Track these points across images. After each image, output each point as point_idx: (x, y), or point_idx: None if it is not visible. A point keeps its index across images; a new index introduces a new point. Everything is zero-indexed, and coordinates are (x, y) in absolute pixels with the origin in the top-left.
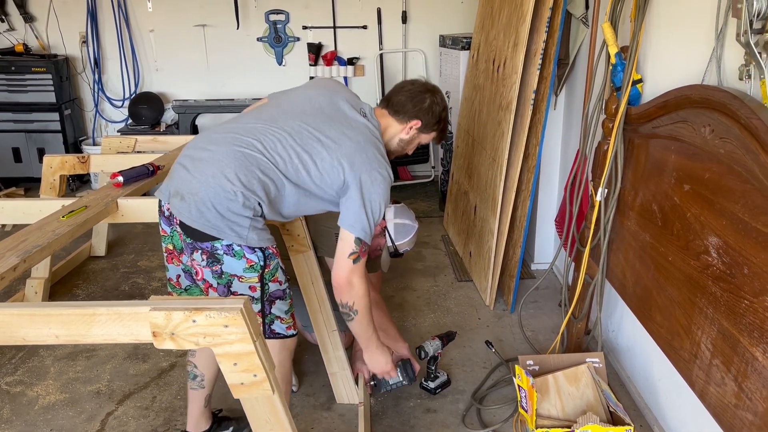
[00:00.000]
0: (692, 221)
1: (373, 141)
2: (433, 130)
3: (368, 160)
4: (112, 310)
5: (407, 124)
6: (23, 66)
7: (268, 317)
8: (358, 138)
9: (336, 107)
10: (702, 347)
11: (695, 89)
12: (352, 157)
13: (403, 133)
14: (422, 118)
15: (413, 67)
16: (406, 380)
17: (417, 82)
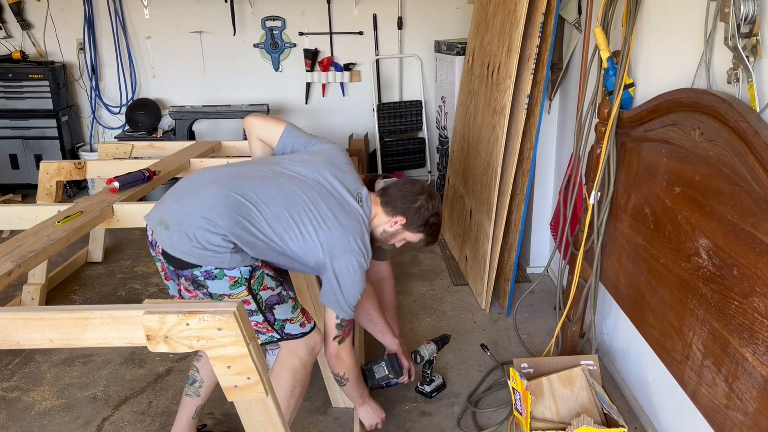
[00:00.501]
0: (683, 223)
1: (360, 230)
2: (420, 231)
3: (349, 248)
4: (106, 313)
5: (393, 218)
6: (20, 73)
7: (277, 323)
8: (347, 224)
9: (336, 186)
10: (693, 348)
11: (685, 93)
12: (335, 241)
13: (387, 225)
14: (408, 217)
15: (409, 73)
16: (392, 374)
17: (417, 183)
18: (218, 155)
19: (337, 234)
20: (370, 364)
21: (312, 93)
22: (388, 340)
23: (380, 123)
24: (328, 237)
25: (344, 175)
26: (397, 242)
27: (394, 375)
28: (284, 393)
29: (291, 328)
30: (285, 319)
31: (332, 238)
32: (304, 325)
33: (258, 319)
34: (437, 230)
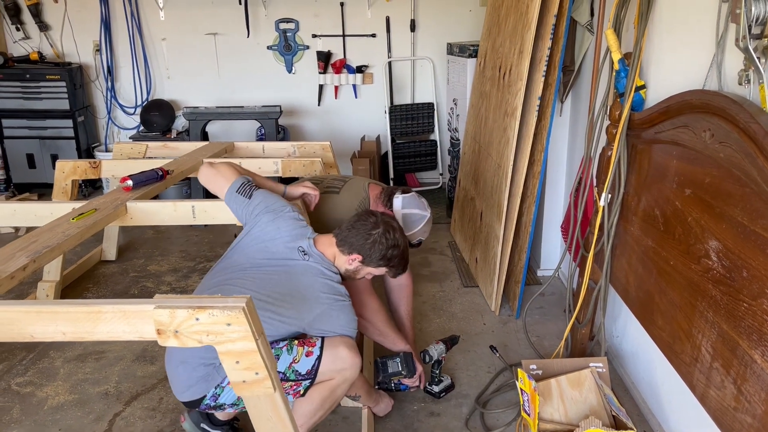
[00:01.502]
0: (693, 225)
1: (319, 283)
2: (381, 265)
3: (321, 315)
4: (118, 308)
5: (349, 256)
6: (38, 74)
7: (290, 374)
8: (305, 293)
9: (277, 262)
10: (702, 351)
11: (696, 94)
12: (302, 320)
13: (347, 264)
14: (363, 254)
15: (421, 75)
16: (404, 371)
17: (371, 217)
18: (231, 155)
19: (303, 317)
20: (385, 358)
21: (324, 95)
22: (401, 347)
23: (392, 125)
24: (295, 324)
25: (275, 243)
26: (365, 276)
27: (406, 372)
28: (313, 407)
29: (301, 366)
30: (290, 364)
31: (299, 324)
32: (310, 354)
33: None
34: (401, 261)
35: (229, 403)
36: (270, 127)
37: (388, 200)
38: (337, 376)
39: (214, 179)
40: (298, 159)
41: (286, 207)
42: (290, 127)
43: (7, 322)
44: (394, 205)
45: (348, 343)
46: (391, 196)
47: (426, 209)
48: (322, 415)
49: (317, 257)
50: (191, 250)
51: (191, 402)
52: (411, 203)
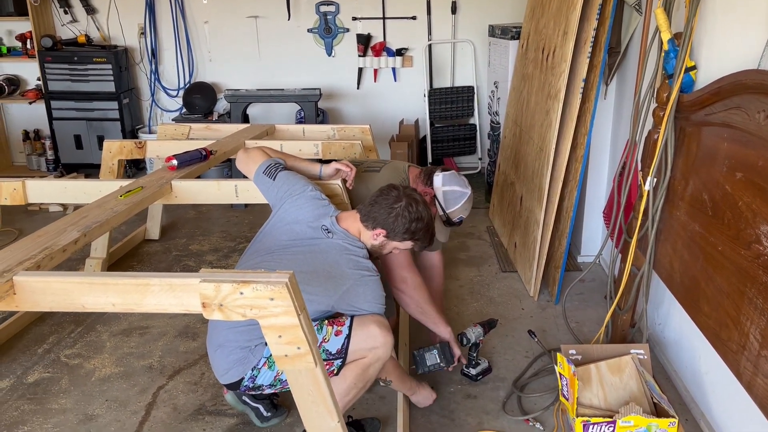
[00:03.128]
0: (744, 210)
1: (344, 259)
2: (406, 239)
3: (348, 291)
4: (165, 281)
5: (373, 231)
6: (85, 56)
7: (321, 354)
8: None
9: (302, 242)
10: (751, 338)
11: (750, 75)
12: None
13: (372, 239)
14: (387, 228)
15: (462, 58)
16: (443, 362)
17: (394, 191)
18: (272, 138)
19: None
20: (422, 350)
21: (364, 78)
22: (441, 329)
23: (431, 109)
24: (324, 302)
25: (299, 224)
26: (392, 251)
27: (445, 363)
28: (347, 385)
29: (331, 345)
30: (320, 344)
31: (327, 301)
32: (339, 333)
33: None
34: (426, 234)
35: (267, 384)
36: (309, 110)
37: (428, 179)
38: (369, 355)
39: (246, 162)
40: (338, 142)
41: (307, 186)
42: (329, 110)
43: (62, 293)
44: (434, 183)
45: (379, 321)
46: (431, 174)
47: (467, 186)
48: (356, 394)
49: (341, 234)
50: (232, 231)
51: (231, 384)
52: (451, 180)
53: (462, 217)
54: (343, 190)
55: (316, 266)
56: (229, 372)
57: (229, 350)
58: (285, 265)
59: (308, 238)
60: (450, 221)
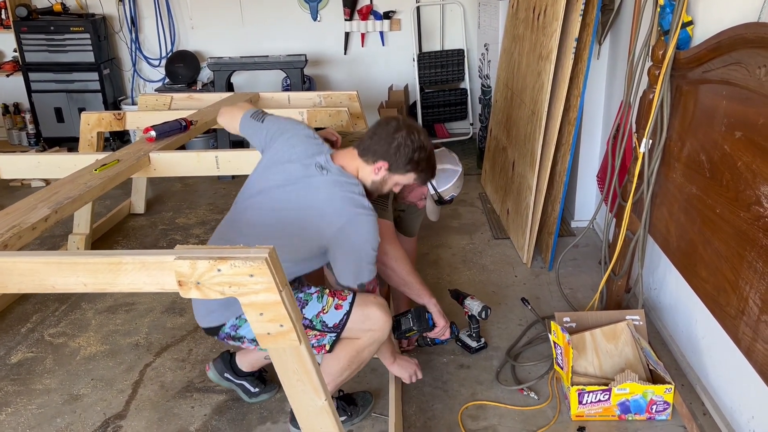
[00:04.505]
0: (743, 170)
1: (338, 196)
2: (408, 171)
3: (343, 228)
4: (138, 258)
5: (374, 165)
6: (62, 26)
7: (316, 324)
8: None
9: (295, 181)
10: (750, 303)
11: (751, 28)
12: (323, 236)
13: (373, 175)
14: (389, 160)
15: (451, 20)
16: (416, 327)
17: (392, 121)
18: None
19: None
20: (398, 315)
21: (351, 43)
22: (425, 300)
23: (420, 73)
24: (315, 233)
25: (292, 164)
26: (392, 187)
27: (418, 327)
28: (340, 366)
29: (329, 318)
30: (317, 313)
31: (320, 232)
32: (339, 307)
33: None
34: (428, 165)
35: (249, 337)
36: (295, 77)
37: None
38: (365, 336)
39: (230, 115)
40: (324, 109)
41: (299, 125)
42: (316, 77)
43: (29, 273)
44: None
45: (380, 304)
46: None
47: (458, 164)
48: (348, 375)
49: (336, 171)
50: (219, 203)
51: (211, 329)
52: (442, 158)
53: (453, 195)
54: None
55: (310, 203)
56: (212, 315)
57: None
58: (278, 204)
59: (301, 176)
60: (441, 200)
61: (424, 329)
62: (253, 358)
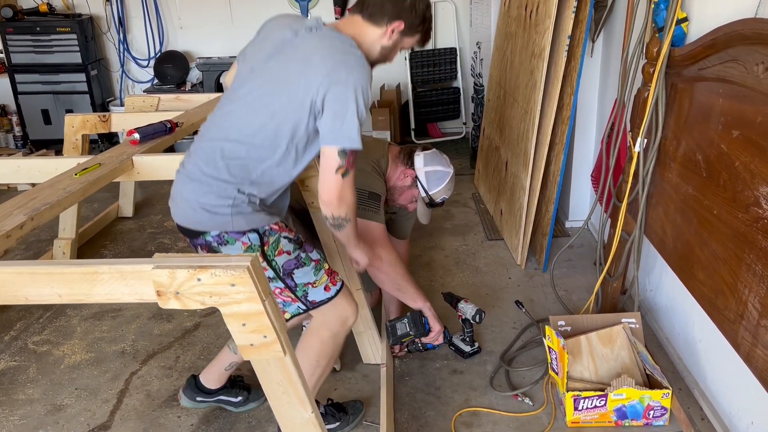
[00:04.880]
0: (741, 170)
1: (326, 44)
2: (418, 31)
3: (334, 69)
4: (115, 268)
5: (388, 27)
6: (48, 26)
7: (299, 289)
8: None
9: (281, 47)
10: (749, 307)
11: (747, 24)
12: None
13: (385, 39)
14: (405, 18)
15: (443, 18)
16: (413, 332)
17: None
18: None
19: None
20: (394, 320)
21: None
22: (420, 304)
23: (413, 72)
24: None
25: (281, 31)
26: (393, 56)
27: (415, 332)
28: (309, 364)
29: (314, 293)
30: (307, 283)
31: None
32: (328, 289)
33: (278, 285)
34: (431, 24)
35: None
36: None
37: (408, 159)
38: (326, 330)
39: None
40: None
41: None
42: None
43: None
44: (415, 163)
45: (356, 309)
46: (411, 154)
47: (449, 166)
48: (321, 374)
49: (329, 30)
50: None
51: (190, 231)
52: (433, 160)
53: (445, 198)
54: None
55: (294, 58)
56: (196, 222)
57: (208, 189)
58: (261, 76)
59: (287, 39)
60: (433, 202)
61: (420, 334)
62: (216, 372)
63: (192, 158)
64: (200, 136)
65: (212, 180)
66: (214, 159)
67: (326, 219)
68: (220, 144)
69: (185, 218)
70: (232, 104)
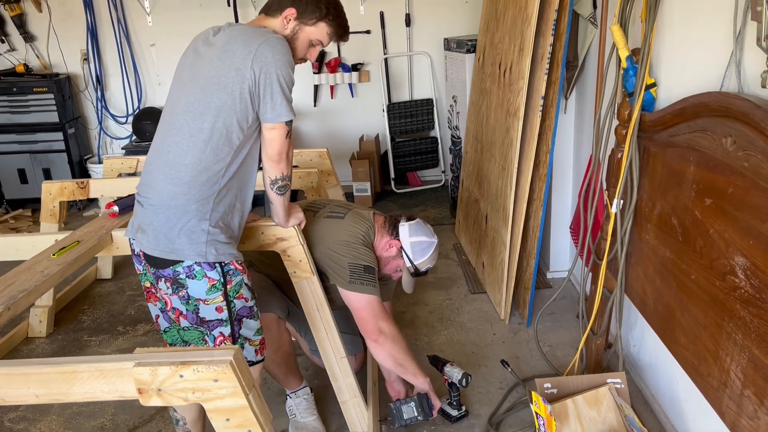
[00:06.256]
0: (716, 238)
1: (246, 31)
2: (319, 20)
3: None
4: (95, 366)
5: (281, 15)
6: (25, 86)
7: (238, 342)
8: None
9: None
10: (732, 376)
11: (713, 96)
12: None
13: (282, 29)
14: (296, 6)
15: (419, 71)
16: (421, 415)
17: None
18: None
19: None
20: (399, 402)
21: (320, 95)
22: (420, 381)
23: (391, 123)
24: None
25: (195, 41)
26: (308, 53)
27: (423, 416)
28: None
29: (247, 351)
30: (246, 338)
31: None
32: (257, 353)
33: (225, 331)
34: (337, 12)
35: (195, 296)
36: None
37: (393, 228)
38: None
39: None
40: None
41: None
42: None
43: None
44: (400, 234)
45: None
46: (396, 224)
47: (433, 235)
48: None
49: (239, 25)
50: None
51: (160, 261)
52: (417, 230)
53: (429, 267)
54: (298, 233)
55: (218, 53)
56: (170, 252)
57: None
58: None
59: (205, 41)
60: (418, 272)
61: (427, 417)
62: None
63: (155, 188)
64: (151, 163)
65: (184, 200)
66: (178, 182)
67: (276, 182)
68: (177, 165)
69: (157, 248)
70: (178, 119)
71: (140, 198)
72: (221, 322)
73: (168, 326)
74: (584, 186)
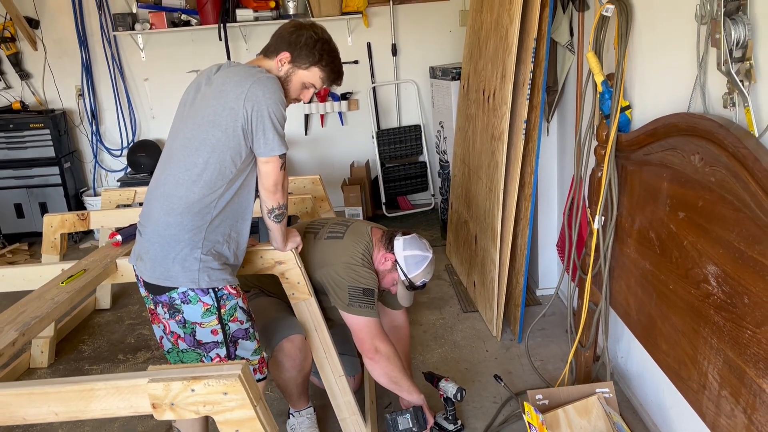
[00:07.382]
0: (690, 249)
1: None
2: (312, 65)
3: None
4: (110, 384)
5: (276, 58)
6: (21, 123)
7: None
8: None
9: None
10: (710, 378)
11: (681, 117)
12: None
13: (277, 70)
14: (290, 50)
15: (406, 98)
16: (416, 428)
17: (295, 23)
18: None
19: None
20: (394, 414)
21: (311, 124)
22: (415, 398)
23: (380, 149)
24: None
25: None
26: (301, 93)
27: (417, 429)
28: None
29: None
30: (243, 359)
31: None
32: (257, 372)
33: (221, 353)
34: (332, 58)
35: (191, 319)
36: None
37: (389, 243)
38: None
39: None
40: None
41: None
42: None
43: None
44: (395, 247)
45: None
46: (392, 239)
47: (428, 250)
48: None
49: (235, 65)
50: None
51: (157, 287)
52: (412, 245)
53: (425, 281)
54: (296, 256)
55: (214, 93)
56: (166, 279)
57: (175, 242)
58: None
59: (204, 80)
60: (413, 285)
61: (421, 429)
62: None
63: (152, 218)
64: (150, 194)
65: (178, 230)
66: (172, 213)
67: (272, 211)
68: (171, 197)
69: (154, 275)
70: (176, 153)
71: (140, 227)
72: (217, 344)
73: (170, 347)
74: (568, 204)
